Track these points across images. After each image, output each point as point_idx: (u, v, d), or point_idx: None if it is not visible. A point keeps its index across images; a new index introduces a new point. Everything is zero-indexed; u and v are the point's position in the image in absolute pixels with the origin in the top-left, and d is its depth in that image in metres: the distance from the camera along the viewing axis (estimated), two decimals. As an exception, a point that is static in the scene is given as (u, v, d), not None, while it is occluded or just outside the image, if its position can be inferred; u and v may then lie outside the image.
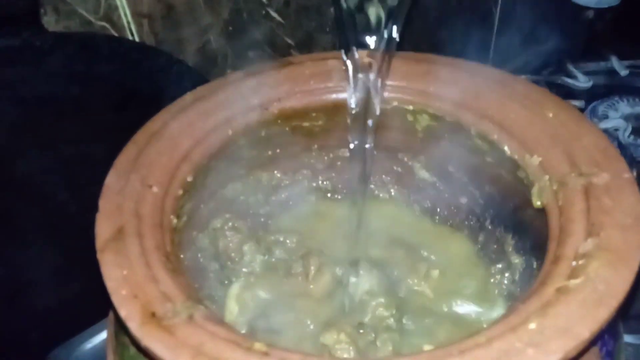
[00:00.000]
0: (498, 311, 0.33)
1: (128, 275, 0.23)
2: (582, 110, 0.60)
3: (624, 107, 0.61)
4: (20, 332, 0.48)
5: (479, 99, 0.33)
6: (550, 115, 0.30)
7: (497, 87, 0.33)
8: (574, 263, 0.22)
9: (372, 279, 0.34)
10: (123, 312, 0.22)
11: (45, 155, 0.46)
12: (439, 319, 0.33)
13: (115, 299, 0.22)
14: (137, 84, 0.50)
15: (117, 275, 0.23)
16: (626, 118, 0.60)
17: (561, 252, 0.23)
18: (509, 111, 0.32)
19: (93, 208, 0.29)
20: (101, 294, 0.25)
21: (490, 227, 0.38)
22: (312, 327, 0.32)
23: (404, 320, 0.32)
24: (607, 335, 0.23)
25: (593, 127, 0.29)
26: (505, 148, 0.32)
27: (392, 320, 0.31)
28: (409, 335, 0.31)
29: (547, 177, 0.28)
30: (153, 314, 0.22)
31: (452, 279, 0.36)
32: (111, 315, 0.30)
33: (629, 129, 0.57)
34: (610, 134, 0.57)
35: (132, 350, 0.26)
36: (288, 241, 0.39)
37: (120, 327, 0.26)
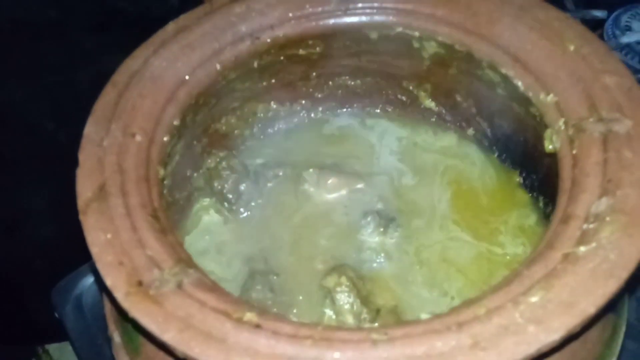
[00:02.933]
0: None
1: (112, 239, 0.22)
2: (603, 20, 0.55)
3: (650, 16, 0.56)
4: (24, 262, 0.48)
5: (493, 26, 0.30)
6: (572, 48, 0.27)
7: (515, 12, 0.29)
8: (585, 226, 0.21)
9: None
10: (109, 281, 0.21)
11: (26, 83, 0.44)
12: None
13: (100, 267, 0.21)
14: (118, 2, 0.46)
15: (101, 239, 0.22)
16: (651, 29, 0.55)
17: (572, 211, 0.22)
18: (526, 41, 0.28)
19: (81, 137, 0.27)
20: None
21: (498, 160, 0.36)
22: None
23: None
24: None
25: (618, 64, 0.26)
26: (519, 84, 0.29)
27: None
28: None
29: (562, 120, 0.26)
30: (140, 283, 0.21)
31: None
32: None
33: (653, 43, 0.53)
34: (632, 48, 0.53)
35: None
36: (282, 173, 0.37)
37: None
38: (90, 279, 0.42)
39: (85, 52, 0.44)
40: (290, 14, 0.33)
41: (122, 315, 0.23)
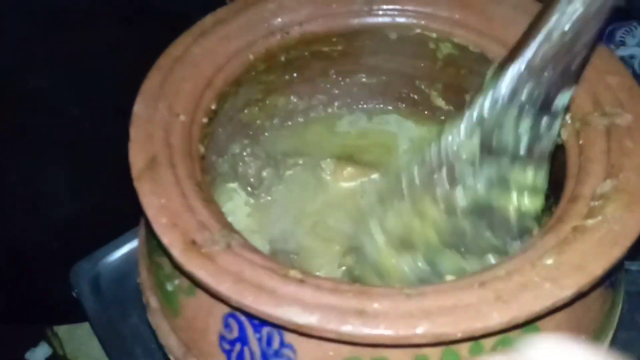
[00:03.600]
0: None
1: (166, 204, 0.24)
2: (599, 35, 0.59)
3: (642, 33, 0.60)
4: (43, 242, 0.50)
5: (506, 30, 0.33)
6: (578, 51, 0.30)
7: (527, 17, 0.32)
8: (591, 203, 0.23)
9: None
10: (165, 240, 0.23)
11: (55, 70, 0.46)
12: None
13: (157, 227, 0.23)
14: None
15: (156, 203, 0.24)
16: (643, 45, 0.58)
17: (579, 192, 0.24)
18: (536, 45, 0.31)
19: (105, 123, 0.29)
20: (119, 208, 0.26)
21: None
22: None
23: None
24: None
25: (619, 65, 0.29)
26: (529, 83, 0.32)
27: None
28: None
29: (569, 114, 0.29)
30: (193, 242, 0.23)
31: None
32: (142, 236, 0.32)
33: (645, 57, 0.57)
34: (626, 61, 0.57)
35: (167, 270, 0.28)
36: (301, 162, 0.40)
37: (156, 249, 0.27)
38: (108, 260, 0.44)
39: (111, 43, 0.46)
40: (318, 12, 0.35)
41: (177, 271, 0.25)
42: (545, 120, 0.23)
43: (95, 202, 0.49)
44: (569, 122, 0.29)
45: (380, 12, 0.36)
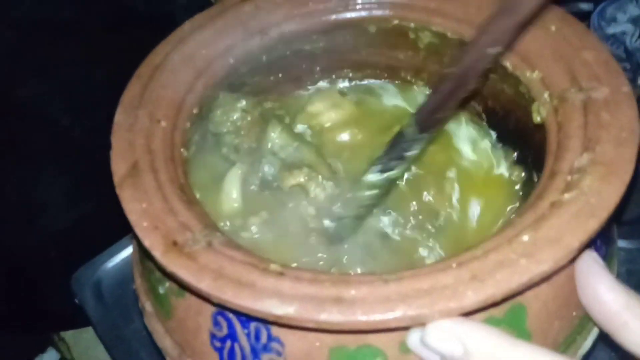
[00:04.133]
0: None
1: (147, 208, 0.25)
2: (589, 13, 0.59)
3: (633, 9, 0.59)
4: (41, 252, 0.50)
5: (482, 14, 0.33)
6: (553, 28, 0.30)
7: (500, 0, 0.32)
8: (568, 177, 0.23)
9: None
10: (147, 242, 0.23)
11: (44, 80, 0.46)
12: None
13: (139, 231, 0.24)
14: (131, 2, 0.48)
15: (137, 208, 0.25)
16: (634, 21, 0.58)
17: (557, 167, 0.24)
18: (511, 26, 0.31)
19: (97, 131, 0.29)
20: (114, 215, 0.26)
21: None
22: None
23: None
24: (600, 242, 0.25)
25: (595, 41, 0.29)
26: (507, 64, 0.31)
27: None
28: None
29: (547, 92, 0.29)
30: (174, 243, 0.23)
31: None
32: (135, 243, 0.32)
33: (637, 34, 0.56)
34: (618, 38, 0.56)
35: (157, 274, 0.28)
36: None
37: (144, 254, 0.28)
38: (108, 266, 0.44)
39: (99, 50, 0.46)
40: (295, 11, 0.36)
41: (161, 274, 0.26)
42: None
43: (92, 209, 0.50)
44: (548, 100, 0.28)
45: (357, 7, 0.36)
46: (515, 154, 0.36)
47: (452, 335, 0.19)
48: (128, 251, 0.42)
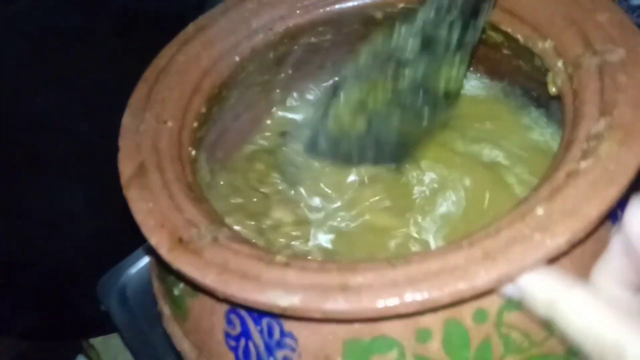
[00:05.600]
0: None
1: (153, 207, 0.25)
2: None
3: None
4: (68, 260, 0.51)
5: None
6: (563, -6, 0.28)
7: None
8: (585, 145, 0.22)
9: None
10: (153, 240, 0.23)
11: (59, 88, 0.46)
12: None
13: (145, 230, 0.24)
14: (140, 6, 0.48)
15: (144, 208, 0.25)
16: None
17: (573, 136, 0.23)
18: (520, -5, 0.30)
19: (115, 136, 0.30)
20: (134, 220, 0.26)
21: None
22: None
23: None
24: (620, 212, 0.23)
25: (608, 2, 0.27)
26: (519, 36, 0.30)
27: None
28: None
29: (560, 61, 0.27)
30: (180, 240, 0.23)
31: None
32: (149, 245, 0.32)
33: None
34: (636, 10, 0.53)
35: (172, 276, 0.28)
36: None
37: (157, 256, 0.28)
38: (132, 271, 0.44)
39: (111, 55, 0.46)
40: (299, 4, 0.35)
41: (173, 275, 0.26)
42: (472, 22, 0.30)
43: (115, 215, 0.50)
44: (562, 68, 0.27)
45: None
46: None
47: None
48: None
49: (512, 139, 0.34)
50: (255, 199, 0.34)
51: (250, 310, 0.24)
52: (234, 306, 0.24)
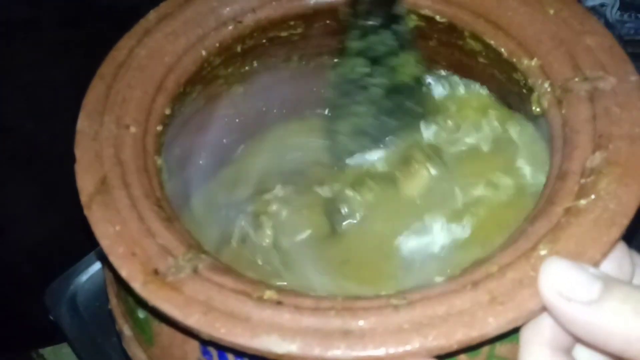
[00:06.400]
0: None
1: (121, 231, 0.22)
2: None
3: (611, -21, 0.58)
4: (14, 267, 0.48)
5: (474, -2, 0.31)
6: (552, 12, 0.28)
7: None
8: (582, 180, 0.22)
9: None
10: (124, 273, 0.21)
11: (1, 84, 0.43)
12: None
13: (113, 259, 0.21)
14: None
15: (110, 232, 0.22)
16: (614, -8, 0.57)
17: (567, 167, 0.23)
18: (507, 8, 0.29)
19: (63, 135, 0.27)
20: (86, 223, 0.24)
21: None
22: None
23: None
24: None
25: (598, 25, 0.27)
26: (503, 50, 0.29)
27: None
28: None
29: (548, 82, 0.27)
30: (156, 271, 0.21)
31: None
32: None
33: (617, 5, 0.55)
34: (597, 11, 0.55)
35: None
36: None
37: (117, 278, 0.25)
38: (83, 278, 0.42)
39: (58, 48, 0.44)
40: (271, -5, 0.33)
41: (138, 303, 0.23)
42: (396, 22, 0.32)
43: (63, 218, 0.47)
44: (549, 90, 0.27)
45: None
46: None
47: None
48: (104, 261, 0.40)
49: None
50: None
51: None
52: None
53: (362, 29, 0.32)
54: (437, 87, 0.36)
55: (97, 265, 0.42)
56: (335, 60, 0.34)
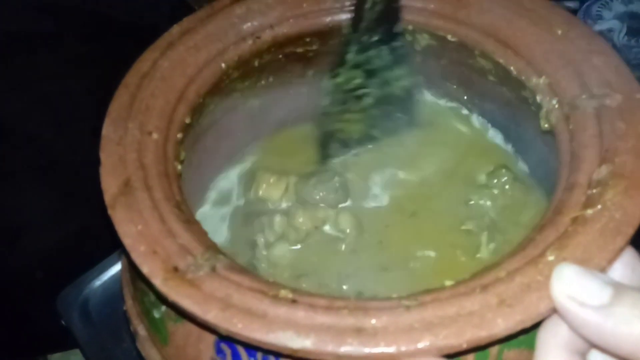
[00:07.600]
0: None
1: (143, 230, 0.23)
2: (575, 11, 0.58)
3: (618, 5, 0.59)
4: (26, 273, 0.48)
5: (483, 15, 0.32)
6: (560, 32, 0.29)
7: (504, 2, 0.31)
8: (589, 191, 0.22)
9: None
10: (145, 269, 0.22)
11: (23, 94, 0.44)
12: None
13: (135, 256, 0.22)
14: (110, 12, 0.47)
15: (132, 231, 0.23)
16: (620, 17, 0.58)
17: (575, 180, 0.23)
18: (516, 28, 0.30)
19: (80, 145, 0.28)
20: (101, 232, 0.24)
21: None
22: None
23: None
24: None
25: (604, 44, 0.28)
26: (512, 69, 0.31)
27: None
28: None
29: (556, 99, 0.28)
30: (175, 269, 0.22)
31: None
32: (124, 262, 0.30)
33: (624, 30, 0.56)
34: (605, 35, 0.56)
35: (152, 296, 0.26)
36: None
37: (137, 276, 0.26)
38: (95, 284, 0.42)
39: (80, 61, 0.45)
40: (289, 13, 0.34)
41: (158, 299, 0.24)
42: (394, 40, 0.34)
43: (78, 226, 0.48)
44: (557, 106, 0.28)
45: (352, 8, 0.35)
46: None
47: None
48: (116, 268, 0.40)
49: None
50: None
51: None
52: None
53: (362, 45, 0.34)
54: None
55: (109, 272, 0.42)
56: (332, 71, 0.35)
